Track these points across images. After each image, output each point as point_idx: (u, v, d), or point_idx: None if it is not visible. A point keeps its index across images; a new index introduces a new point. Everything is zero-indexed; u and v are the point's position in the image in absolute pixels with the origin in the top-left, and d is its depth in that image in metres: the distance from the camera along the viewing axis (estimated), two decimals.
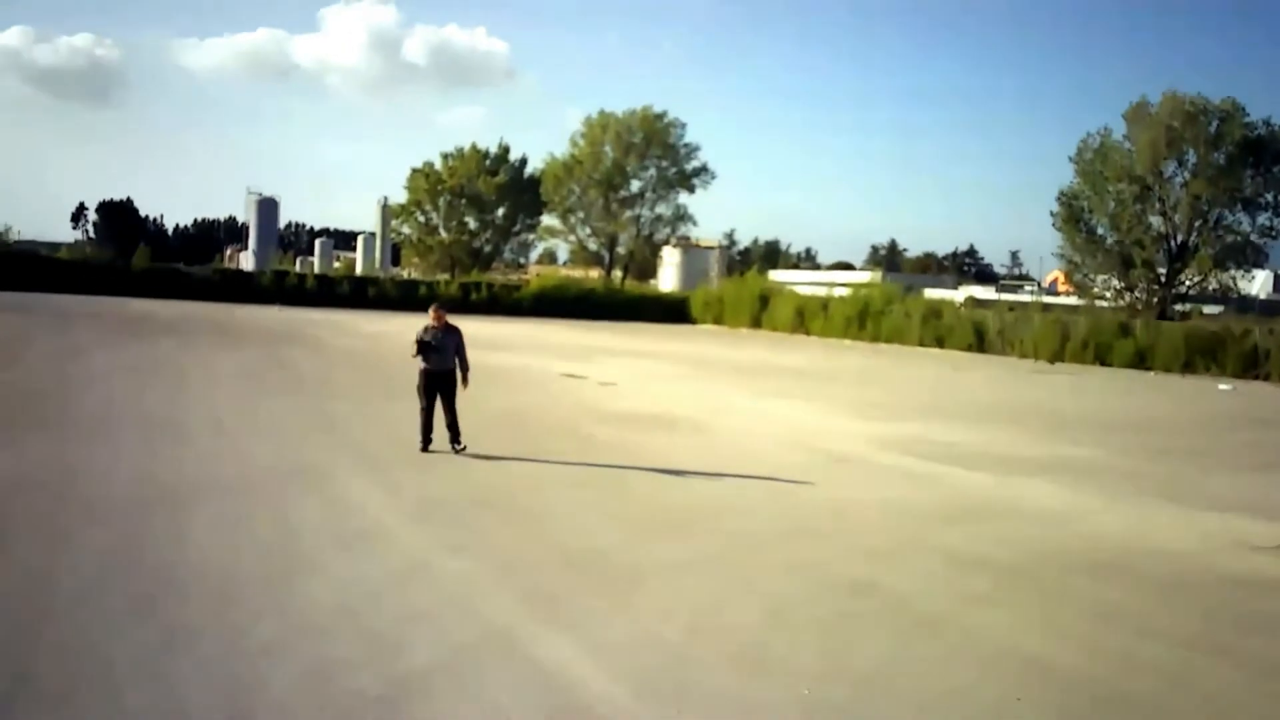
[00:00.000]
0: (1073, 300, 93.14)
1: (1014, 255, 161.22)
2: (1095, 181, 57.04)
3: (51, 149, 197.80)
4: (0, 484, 10.26)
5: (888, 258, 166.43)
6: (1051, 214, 58.65)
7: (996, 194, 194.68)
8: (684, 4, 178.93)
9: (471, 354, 14.07)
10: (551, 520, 10.14)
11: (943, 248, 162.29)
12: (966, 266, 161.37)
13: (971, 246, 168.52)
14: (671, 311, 65.80)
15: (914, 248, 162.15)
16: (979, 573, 9.13)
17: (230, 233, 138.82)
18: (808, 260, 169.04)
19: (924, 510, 11.69)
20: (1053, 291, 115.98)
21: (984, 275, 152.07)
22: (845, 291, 57.72)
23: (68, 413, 15.04)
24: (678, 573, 8.57)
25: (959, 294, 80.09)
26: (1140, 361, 38.37)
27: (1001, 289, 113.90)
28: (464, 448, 13.33)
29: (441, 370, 13.42)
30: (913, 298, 51.81)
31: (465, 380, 13.64)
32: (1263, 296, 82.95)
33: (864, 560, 9.30)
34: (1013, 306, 55.14)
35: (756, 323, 58.48)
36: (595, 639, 6.76)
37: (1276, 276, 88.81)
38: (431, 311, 13.81)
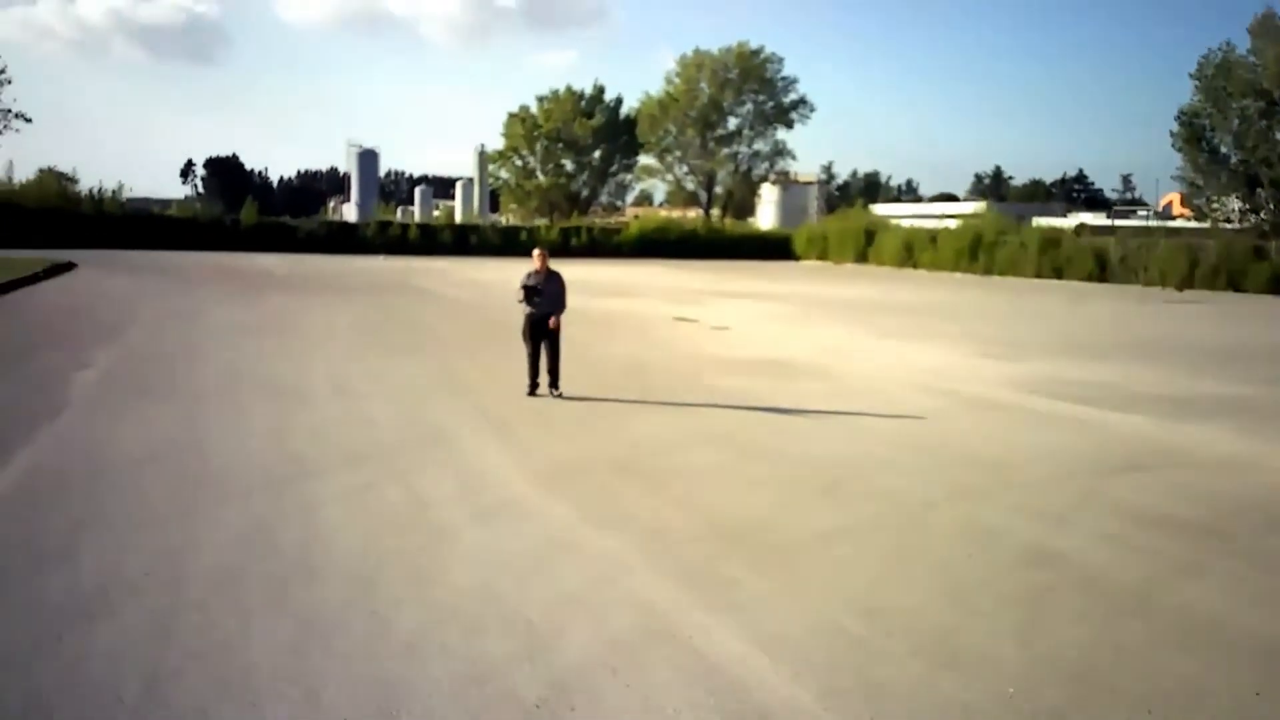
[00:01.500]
0: (1192, 224, 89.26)
1: (1126, 179, 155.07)
2: (1218, 98, 53.77)
3: (158, 107, 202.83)
4: (132, 458, 10.04)
5: (992, 187, 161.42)
6: (1171, 134, 55.27)
7: (1105, 116, 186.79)
8: None
9: (579, 299, 14.03)
10: (693, 484, 9.53)
11: (1050, 174, 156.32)
12: (1076, 193, 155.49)
13: (1081, 171, 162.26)
14: (775, 249, 64.68)
15: (1020, 175, 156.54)
16: (1168, 534, 8.26)
17: (333, 184, 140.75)
18: (909, 193, 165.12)
19: (1086, 460, 10.79)
20: (1168, 216, 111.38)
21: (1095, 201, 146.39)
22: (954, 224, 55.82)
23: (192, 379, 14.91)
24: (839, 543, 7.89)
25: (1069, 221, 76.98)
26: (1277, 287, 36.08)
27: (1114, 214, 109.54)
28: (561, 394, 13.49)
29: (545, 314, 13.40)
30: (1027, 227, 49.71)
31: (558, 320, 13.52)
32: None
33: (1038, 523, 8.50)
34: (1135, 233, 52.52)
35: (862, 258, 57.22)
36: (766, 628, 6.12)
37: None
38: (535, 255, 13.79)
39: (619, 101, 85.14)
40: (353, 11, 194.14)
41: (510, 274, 42.39)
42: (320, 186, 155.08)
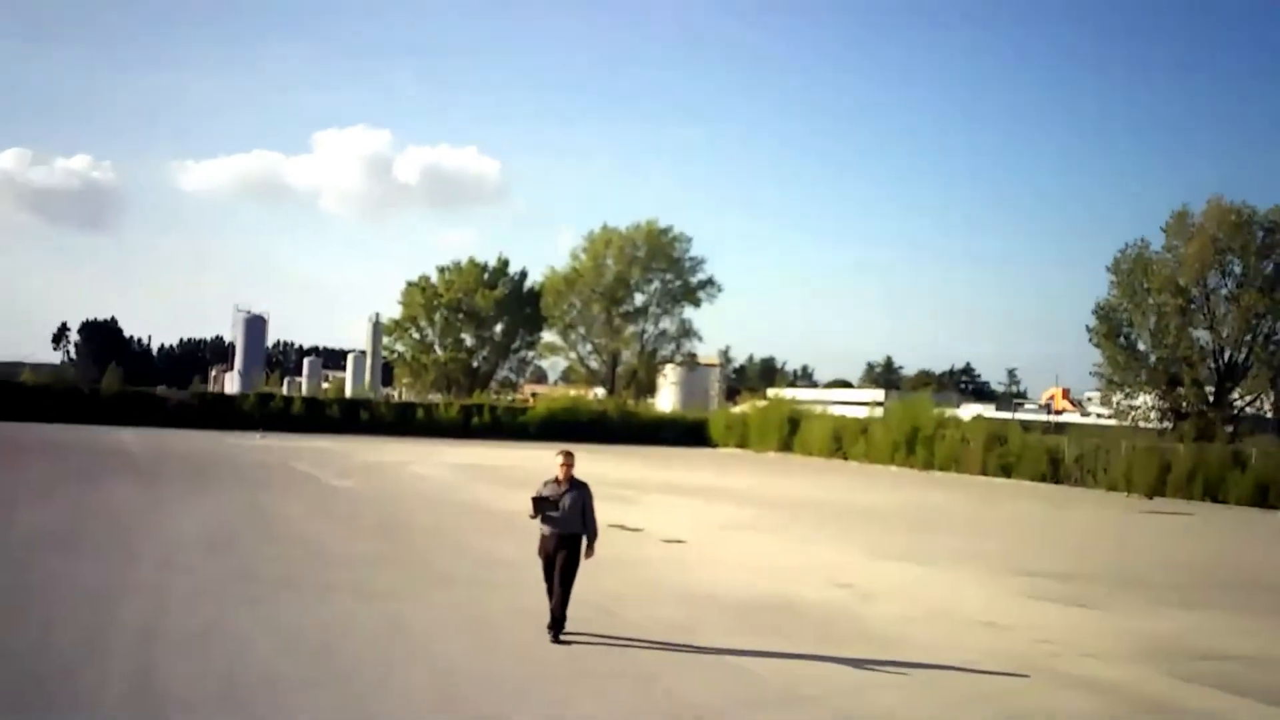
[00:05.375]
0: (1078, 419, 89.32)
1: (1011, 373, 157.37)
2: (1135, 294, 53.08)
3: (42, 272, 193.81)
4: None
5: (884, 375, 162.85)
6: (1088, 328, 54.20)
7: (992, 312, 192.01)
8: (677, 131, 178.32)
9: (488, 492, 9.37)
10: None
11: (938, 365, 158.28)
12: (964, 384, 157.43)
13: (968, 364, 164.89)
14: (690, 434, 61.13)
15: (909, 365, 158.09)
16: None
17: (216, 352, 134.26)
18: (805, 378, 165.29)
19: None
20: (1050, 410, 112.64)
21: (982, 393, 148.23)
22: (872, 411, 53.17)
23: None
24: None
25: (964, 412, 75.82)
26: (1263, 498, 33.28)
27: (1001, 407, 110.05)
28: (566, 640, 10.50)
29: (566, 534, 10.68)
30: (969, 420, 47.02)
31: (591, 549, 10.87)
32: None
33: None
34: (1047, 426, 50.38)
35: (786, 446, 53.95)
36: None
37: None
38: (560, 462, 10.99)
39: (523, 275, 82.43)
40: (253, 182, 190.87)
41: (410, 455, 37.33)
42: (204, 355, 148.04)
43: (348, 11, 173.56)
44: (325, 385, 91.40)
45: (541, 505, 10.78)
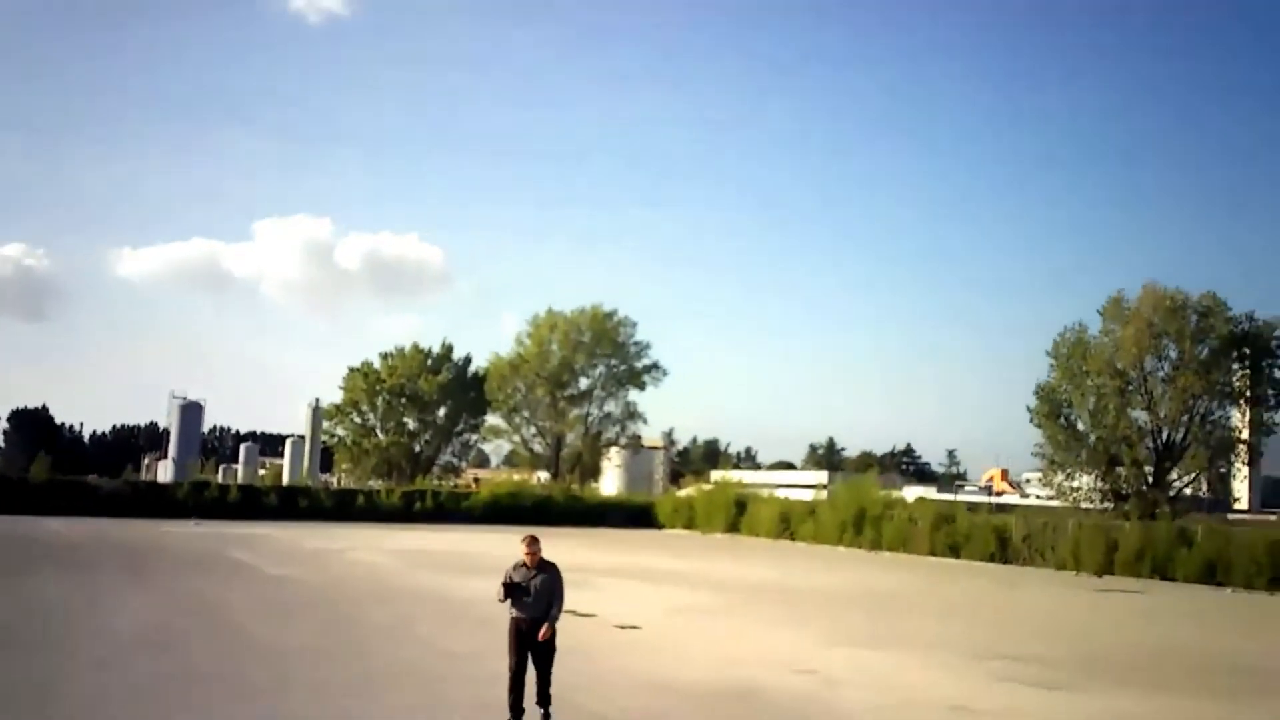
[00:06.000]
0: (1019, 500, 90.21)
1: (951, 454, 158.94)
2: (1074, 375, 54.01)
3: None
4: None
5: (827, 456, 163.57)
6: (1029, 409, 54.79)
7: (931, 392, 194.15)
8: (622, 216, 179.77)
9: (433, 579, 8.95)
10: None
11: (880, 445, 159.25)
12: (905, 465, 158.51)
13: (909, 445, 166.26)
14: (636, 517, 60.56)
15: (851, 446, 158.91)
16: None
17: (151, 439, 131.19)
18: (748, 460, 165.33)
19: None
20: (990, 491, 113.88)
21: (923, 474, 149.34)
22: (817, 494, 53.23)
23: None
24: None
25: (908, 493, 76.44)
26: (1210, 576, 33.41)
27: (943, 488, 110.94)
28: (545, 716, 10.44)
29: (537, 617, 10.51)
30: (916, 501, 47.09)
31: (551, 627, 10.50)
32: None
33: None
34: (990, 507, 50.64)
35: (734, 528, 53.62)
36: None
37: (1266, 479, 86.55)
38: (524, 546, 10.72)
39: (467, 360, 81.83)
40: (192, 270, 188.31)
41: (351, 542, 36.44)
42: (138, 442, 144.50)
43: (288, 99, 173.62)
44: (262, 472, 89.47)
45: (512, 591, 10.51)
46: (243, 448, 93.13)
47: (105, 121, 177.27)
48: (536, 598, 10.47)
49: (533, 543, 10.73)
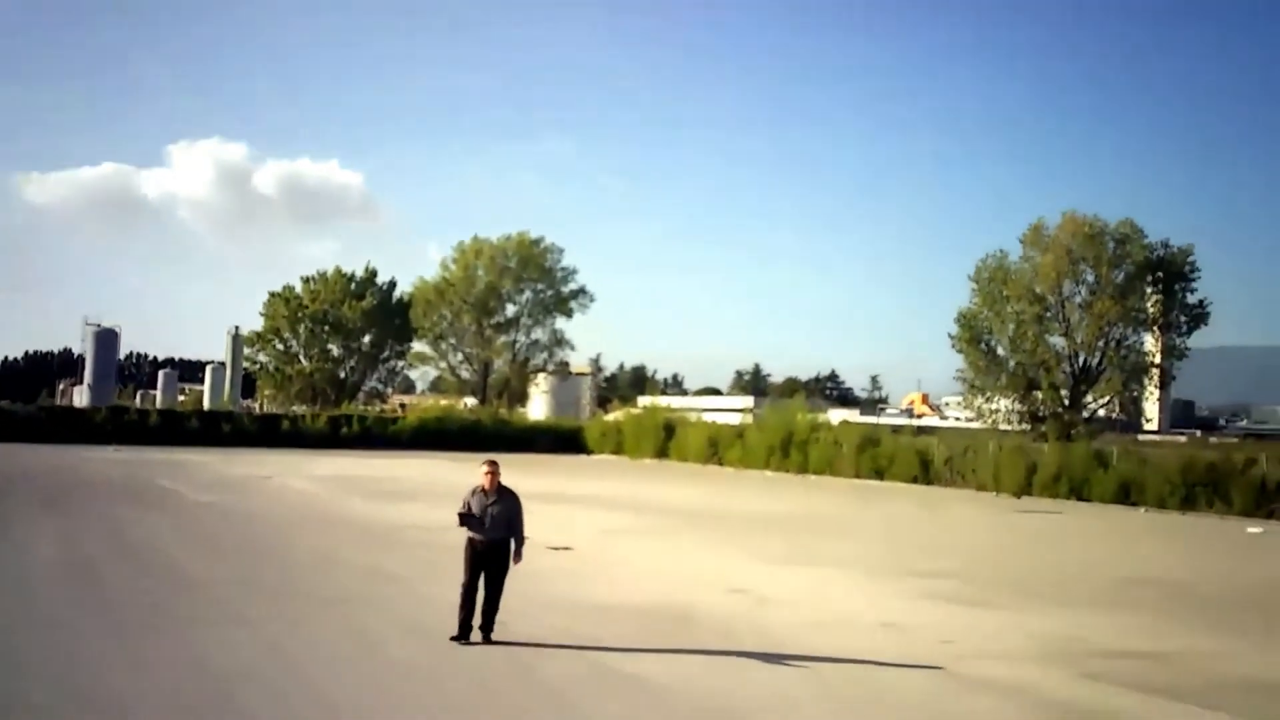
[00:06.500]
0: (937, 421, 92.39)
1: (874, 379, 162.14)
2: (995, 302, 55.00)
3: None
4: None
5: (753, 382, 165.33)
6: (950, 335, 55.96)
7: (854, 319, 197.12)
8: (544, 142, 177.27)
9: (363, 505, 8.85)
10: None
11: (804, 372, 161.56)
12: (829, 391, 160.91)
13: (833, 371, 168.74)
14: (565, 442, 60.62)
15: (776, 373, 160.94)
16: None
17: (65, 366, 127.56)
18: (675, 386, 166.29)
19: None
20: (911, 414, 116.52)
21: (846, 399, 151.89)
22: (743, 418, 53.70)
23: None
24: None
25: (831, 417, 77.92)
26: (1125, 496, 34.46)
27: (865, 412, 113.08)
28: (491, 639, 10.75)
29: (493, 540, 10.76)
30: (842, 425, 47.80)
31: (519, 555, 10.98)
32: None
33: None
34: (913, 430, 51.64)
35: (662, 453, 53.95)
36: None
37: (1175, 402, 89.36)
38: (483, 472, 10.96)
39: (392, 285, 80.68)
40: (105, 195, 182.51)
41: (277, 468, 35.92)
42: (52, 369, 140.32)
43: (201, 19, 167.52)
44: (182, 398, 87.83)
45: (468, 520, 10.79)
46: (161, 374, 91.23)
47: (11, 44, 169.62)
48: (494, 521, 10.75)
49: (493, 467, 10.98)
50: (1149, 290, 53.31)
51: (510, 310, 79.41)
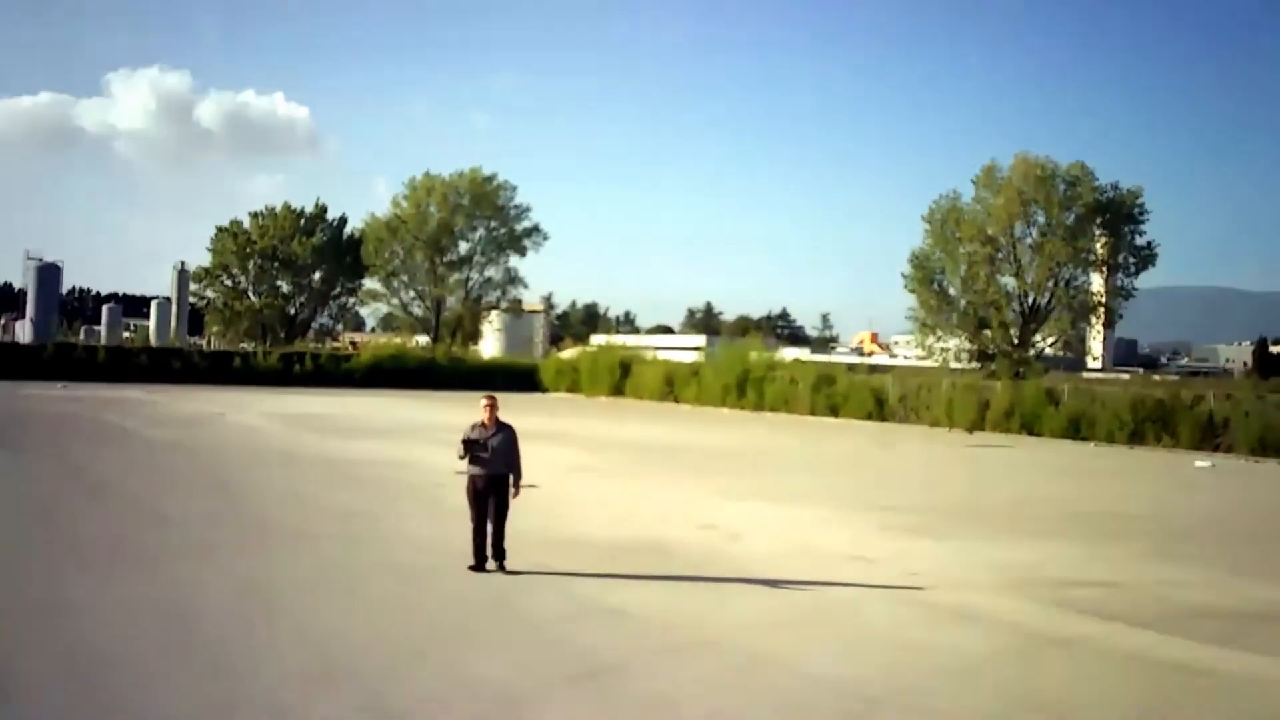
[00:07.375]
0: (886, 360, 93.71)
1: (825, 318, 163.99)
2: (947, 242, 55.56)
3: None
4: None
5: (705, 320, 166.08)
6: (903, 275, 56.65)
7: (805, 258, 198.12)
8: (496, 78, 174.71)
9: (320, 442, 8.95)
10: None
11: (755, 310, 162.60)
12: (780, 329, 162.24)
13: (784, 310, 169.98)
14: (520, 380, 60.45)
15: (728, 311, 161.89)
16: None
17: (5, 301, 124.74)
18: (627, 324, 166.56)
19: None
20: (861, 353, 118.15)
21: (797, 337, 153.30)
22: (687, 356, 54.00)
23: None
24: None
25: (785, 355, 78.79)
26: (1075, 432, 35.24)
27: (816, 350, 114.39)
28: (504, 568, 11.11)
29: (494, 475, 11.16)
30: (798, 362, 48.22)
31: (517, 488, 11.34)
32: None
33: None
34: (866, 368, 52.18)
35: (618, 391, 54.12)
36: None
37: (1119, 341, 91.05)
38: (483, 405, 11.55)
39: (342, 222, 79.38)
40: (43, 126, 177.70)
41: (230, 405, 35.57)
42: None
43: None
44: (127, 334, 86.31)
45: (471, 447, 11.14)
46: (105, 309, 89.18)
47: None
48: (494, 455, 11.14)
49: (492, 401, 11.54)
50: (1098, 232, 54.23)
51: (463, 248, 78.61)
